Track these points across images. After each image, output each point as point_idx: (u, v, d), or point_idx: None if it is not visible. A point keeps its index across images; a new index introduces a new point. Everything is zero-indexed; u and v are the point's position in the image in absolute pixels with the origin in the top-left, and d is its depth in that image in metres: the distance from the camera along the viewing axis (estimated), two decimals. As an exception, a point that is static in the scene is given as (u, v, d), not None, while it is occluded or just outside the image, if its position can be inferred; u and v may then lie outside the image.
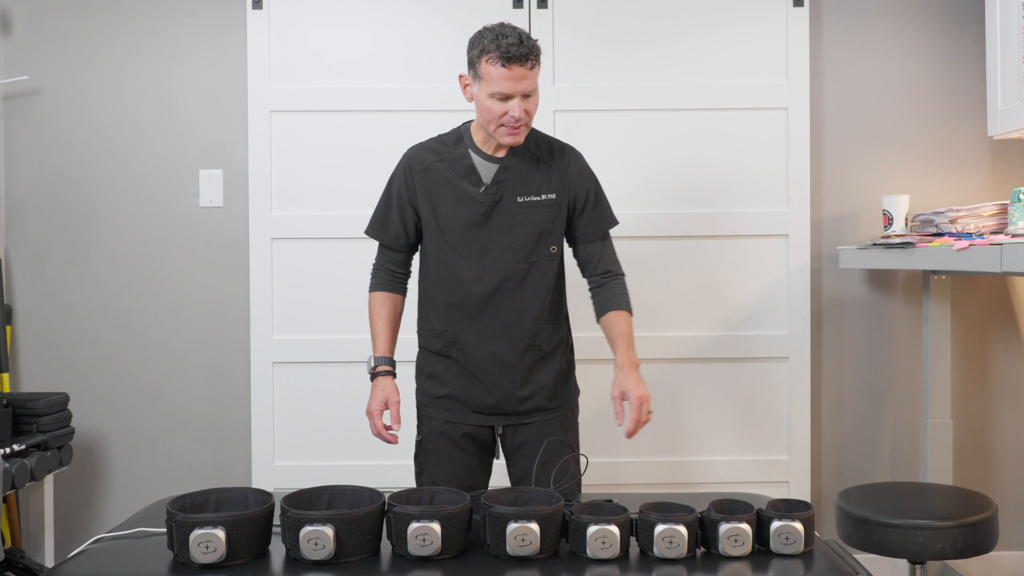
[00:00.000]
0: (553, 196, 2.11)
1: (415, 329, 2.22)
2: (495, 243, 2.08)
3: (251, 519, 1.54)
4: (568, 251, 2.22)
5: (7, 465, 2.44)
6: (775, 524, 1.57)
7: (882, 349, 3.10)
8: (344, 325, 2.97)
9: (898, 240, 2.68)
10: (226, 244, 3.06)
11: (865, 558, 2.83)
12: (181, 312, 3.06)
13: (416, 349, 2.23)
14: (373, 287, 2.21)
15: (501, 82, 1.96)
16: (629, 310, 2.15)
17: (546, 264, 2.11)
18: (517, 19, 2.94)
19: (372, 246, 2.25)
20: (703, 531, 1.59)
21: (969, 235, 2.47)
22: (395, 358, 2.17)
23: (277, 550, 1.60)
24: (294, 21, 2.97)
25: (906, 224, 2.86)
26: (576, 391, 2.25)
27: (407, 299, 2.25)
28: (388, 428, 2.11)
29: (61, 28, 3.04)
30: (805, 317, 3.01)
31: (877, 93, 3.08)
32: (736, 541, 1.55)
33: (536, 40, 2.01)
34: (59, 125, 3.05)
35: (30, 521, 2.92)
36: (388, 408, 2.11)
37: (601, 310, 2.16)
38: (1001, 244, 2.11)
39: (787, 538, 1.56)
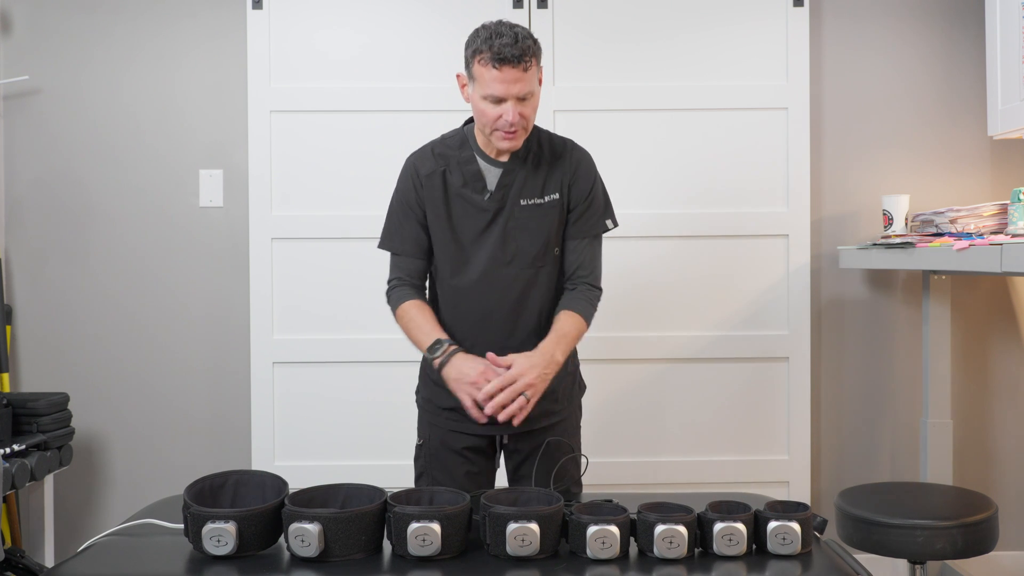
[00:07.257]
0: (556, 196, 2.04)
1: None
2: (502, 249, 2.02)
3: (263, 514, 1.56)
4: None
5: (7, 465, 2.44)
6: (772, 524, 1.57)
7: (882, 349, 3.10)
8: (344, 325, 2.97)
9: (898, 240, 2.68)
10: (226, 244, 3.06)
11: (865, 558, 2.82)
12: (181, 312, 3.06)
13: (419, 356, 2.17)
14: (400, 299, 2.06)
15: (493, 84, 1.88)
16: (584, 317, 2.05)
17: (552, 268, 2.06)
18: (517, 19, 2.93)
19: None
20: (701, 531, 1.59)
21: (969, 235, 2.47)
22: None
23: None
24: (294, 21, 2.97)
25: (906, 224, 2.86)
26: (582, 388, 2.22)
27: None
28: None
29: (61, 28, 3.04)
30: (805, 317, 3.00)
31: (877, 93, 3.08)
32: (731, 541, 1.55)
33: (535, 40, 1.92)
34: (59, 125, 3.05)
35: (30, 521, 2.93)
36: (484, 376, 1.90)
37: (557, 309, 2.06)
38: (1001, 244, 2.11)
39: (784, 538, 1.56)
